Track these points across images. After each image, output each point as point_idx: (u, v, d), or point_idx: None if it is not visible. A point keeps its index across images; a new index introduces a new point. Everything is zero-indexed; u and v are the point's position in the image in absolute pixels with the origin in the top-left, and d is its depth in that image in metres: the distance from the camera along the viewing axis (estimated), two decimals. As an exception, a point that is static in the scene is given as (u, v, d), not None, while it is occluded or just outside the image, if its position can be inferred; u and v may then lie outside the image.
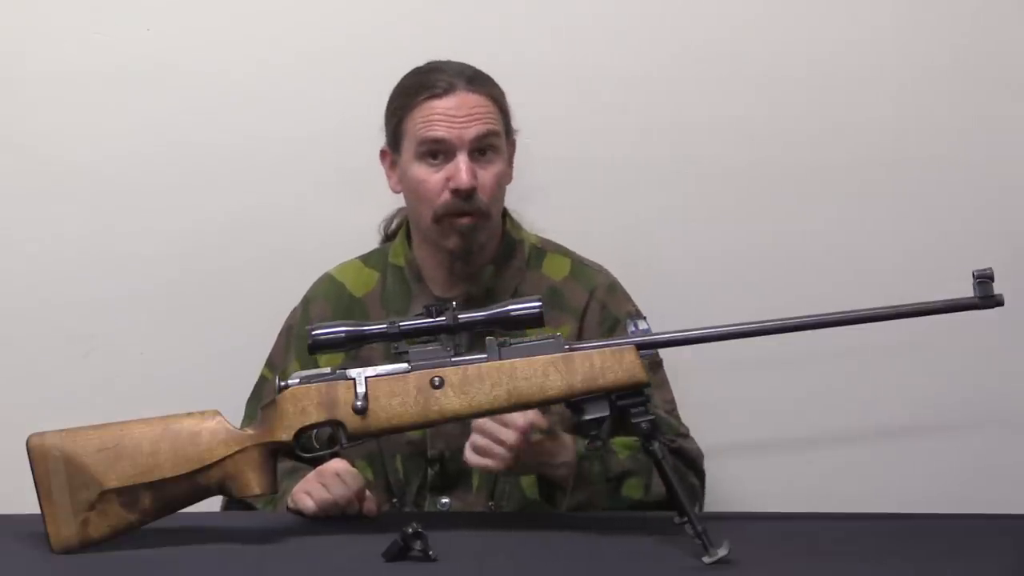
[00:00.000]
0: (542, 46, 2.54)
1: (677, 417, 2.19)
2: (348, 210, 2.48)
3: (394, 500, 2.14)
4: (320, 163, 2.55)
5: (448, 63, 2.17)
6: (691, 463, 2.13)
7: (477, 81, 2.13)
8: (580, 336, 2.15)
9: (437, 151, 2.11)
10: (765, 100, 2.54)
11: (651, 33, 2.54)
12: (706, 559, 1.64)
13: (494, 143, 2.12)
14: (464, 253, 2.14)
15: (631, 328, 1.79)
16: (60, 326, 2.58)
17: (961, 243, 2.49)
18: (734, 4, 2.54)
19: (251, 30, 2.57)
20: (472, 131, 2.10)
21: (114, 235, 2.58)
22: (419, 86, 2.14)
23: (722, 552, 1.64)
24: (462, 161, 2.09)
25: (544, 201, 2.42)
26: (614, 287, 2.23)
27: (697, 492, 2.13)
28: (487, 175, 2.11)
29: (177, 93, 2.56)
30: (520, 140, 2.23)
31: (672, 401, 2.20)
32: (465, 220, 2.10)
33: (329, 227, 2.51)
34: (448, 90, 2.11)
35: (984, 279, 1.72)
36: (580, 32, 2.55)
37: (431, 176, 2.11)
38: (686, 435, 2.18)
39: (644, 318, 1.83)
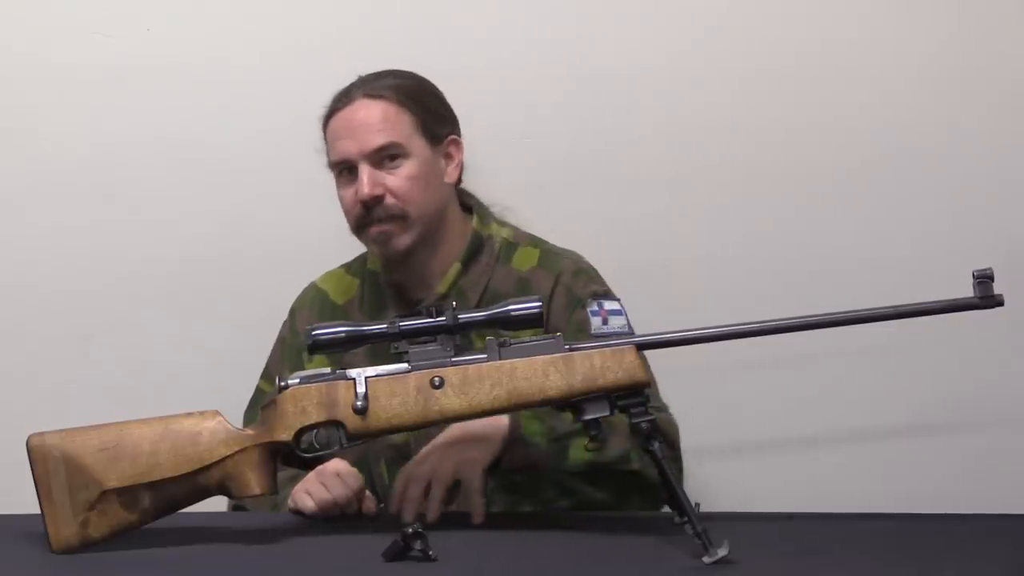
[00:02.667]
0: (542, 46, 2.54)
1: (656, 395, 2.15)
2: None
3: (381, 504, 2.14)
4: (322, 162, 2.54)
5: (368, 74, 2.18)
6: (662, 434, 2.08)
7: (380, 87, 2.15)
8: (547, 320, 2.14)
9: (345, 168, 2.14)
10: (765, 100, 2.54)
11: (651, 33, 2.55)
12: (706, 559, 1.64)
13: (394, 152, 2.12)
14: (390, 260, 2.16)
15: (592, 307, 1.80)
16: (60, 326, 2.58)
17: (961, 243, 2.49)
18: (735, 4, 2.54)
19: (251, 30, 2.57)
20: (368, 141, 2.12)
21: (114, 234, 2.58)
22: (330, 102, 2.18)
23: (722, 552, 1.64)
24: (362, 172, 2.12)
25: (543, 201, 2.42)
26: (581, 271, 2.21)
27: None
28: (396, 179, 2.12)
29: (177, 92, 2.57)
30: (520, 140, 2.23)
31: (652, 379, 2.17)
32: (376, 229, 2.13)
33: (330, 227, 2.50)
34: (348, 102, 2.15)
35: (984, 279, 1.72)
36: (580, 32, 2.55)
37: (346, 191, 2.16)
38: (662, 409, 2.14)
39: (617, 299, 1.81)
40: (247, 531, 1.86)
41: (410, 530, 1.68)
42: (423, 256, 2.16)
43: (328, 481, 1.96)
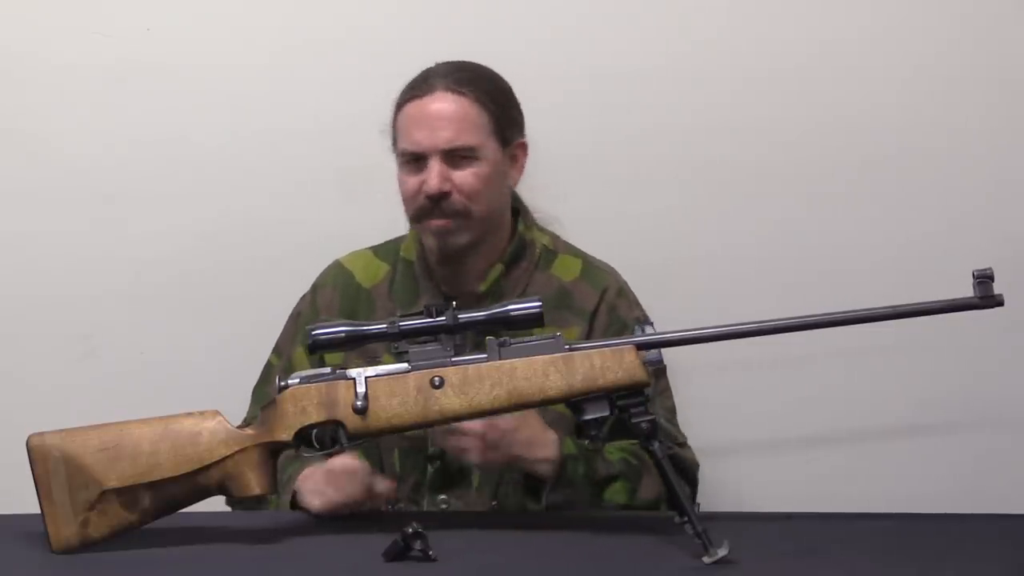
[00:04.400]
0: (545, 45, 2.54)
1: (676, 425, 2.19)
2: (349, 210, 2.49)
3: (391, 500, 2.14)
4: (321, 162, 2.55)
5: (447, 63, 2.16)
6: (685, 472, 2.11)
7: (463, 81, 2.13)
8: (589, 337, 2.14)
9: (415, 157, 2.12)
10: (765, 100, 2.54)
11: (655, 32, 2.54)
12: (706, 559, 1.64)
13: (467, 154, 2.11)
14: (443, 254, 2.15)
15: (639, 334, 1.79)
16: (60, 326, 2.58)
17: (961, 243, 2.49)
18: (737, 3, 2.54)
19: (251, 30, 2.57)
20: (444, 138, 2.10)
21: (115, 234, 2.58)
22: (407, 87, 2.16)
23: (722, 552, 1.64)
24: (433, 166, 2.10)
25: (545, 200, 2.42)
26: (623, 291, 2.22)
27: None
28: (464, 176, 2.11)
29: (177, 92, 2.56)
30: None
31: (673, 409, 2.20)
32: (437, 223, 2.12)
33: (330, 227, 2.51)
34: (427, 91, 2.12)
35: (984, 279, 1.72)
36: (584, 31, 2.55)
37: (410, 179, 2.13)
38: (684, 444, 2.17)
39: (651, 324, 1.82)
40: (247, 531, 1.86)
41: (410, 530, 1.68)
42: (470, 254, 2.16)
43: (337, 481, 1.95)
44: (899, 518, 1.95)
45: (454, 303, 1.81)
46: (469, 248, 2.14)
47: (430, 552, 1.67)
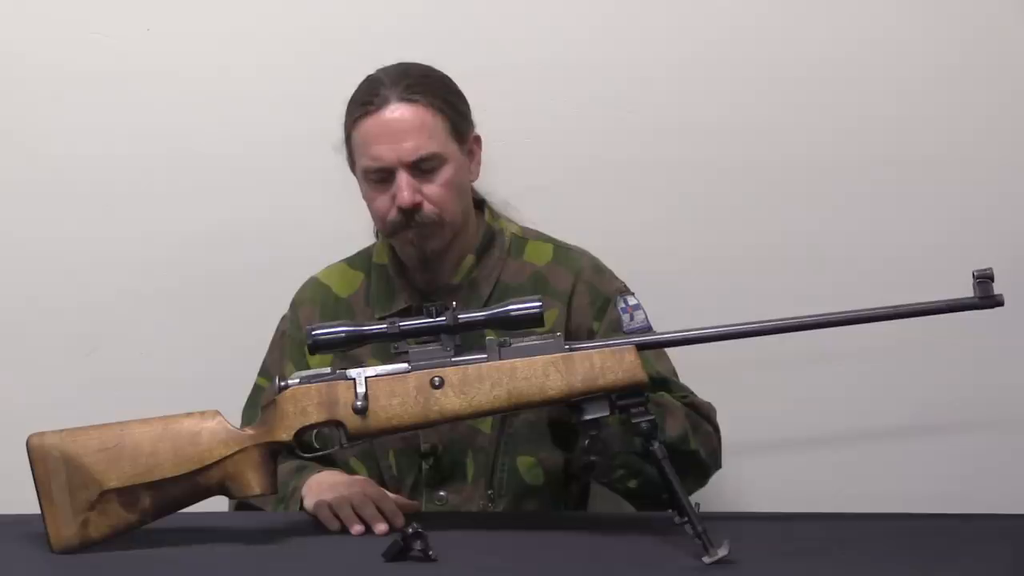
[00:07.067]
0: (547, 46, 2.54)
1: (678, 383, 2.18)
2: (348, 212, 2.48)
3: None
4: (320, 165, 2.54)
5: (389, 71, 2.14)
6: (708, 418, 2.12)
7: (415, 89, 2.10)
8: (568, 319, 2.15)
9: (380, 172, 2.11)
10: (766, 101, 2.54)
11: (657, 34, 2.54)
12: (706, 559, 1.64)
13: (432, 162, 2.10)
14: (422, 261, 2.15)
15: (621, 305, 1.79)
16: (61, 326, 2.59)
17: (961, 243, 2.49)
18: (739, 5, 2.54)
19: (251, 31, 2.57)
20: (408, 150, 2.08)
21: (115, 235, 2.58)
22: (358, 102, 2.13)
23: (722, 552, 1.64)
24: (402, 180, 2.08)
25: (546, 201, 2.42)
26: (599, 268, 2.22)
27: (714, 441, 2.11)
28: (432, 187, 2.10)
29: (177, 93, 2.57)
30: (524, 140, 2.23)
31: (674, 370, 2.18)
32: (411, 234, 2.11)
33: (329, 229, 2.51)
34: (381, 104, 2.10)
35: (984, 279, 1.72)
36: (585, 32, 2.55)
37: (379, 195, 2.12)
38: (689, 392, 2.16)
39: (632, 293, 1.81)
40: (247, 531, 1.86)
41: (410, 530, 1.68)
42: (445, 252, 2.16)
43: (366, 512, 1.91)
44: (899, 518, 1.95)
45: (454, 303, 1.81)
46: (444, 249, 2.15)
47: (430, 552, 1.67)
